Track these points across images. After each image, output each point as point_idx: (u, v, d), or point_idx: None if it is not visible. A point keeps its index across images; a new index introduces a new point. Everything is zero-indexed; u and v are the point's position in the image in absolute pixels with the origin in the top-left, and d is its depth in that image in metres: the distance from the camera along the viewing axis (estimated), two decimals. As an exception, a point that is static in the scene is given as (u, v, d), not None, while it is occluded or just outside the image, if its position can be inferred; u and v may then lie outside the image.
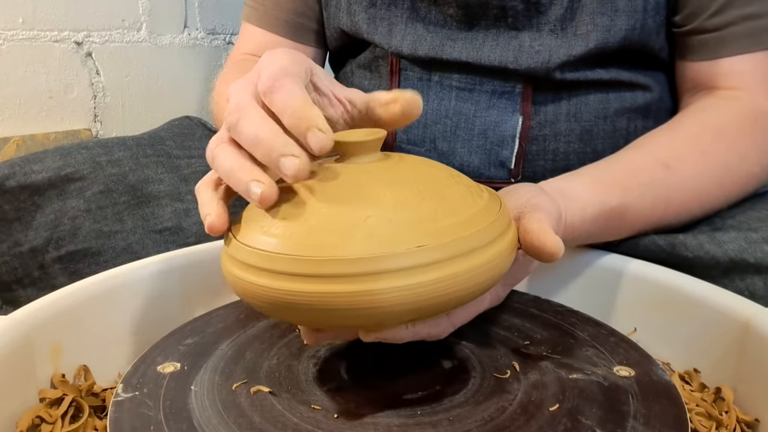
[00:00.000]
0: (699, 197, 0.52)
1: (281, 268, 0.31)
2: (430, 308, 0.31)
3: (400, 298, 0.30)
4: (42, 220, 0.58)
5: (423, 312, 0.31)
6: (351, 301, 0.30)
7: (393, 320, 0.32)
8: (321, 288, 0.30)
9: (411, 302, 0.30)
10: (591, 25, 0.57)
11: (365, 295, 0.30)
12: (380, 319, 0.31)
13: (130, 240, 0.58)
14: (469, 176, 0.38)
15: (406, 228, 0.31)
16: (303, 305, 0.31)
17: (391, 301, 0.30)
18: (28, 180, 0.58)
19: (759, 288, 0.46)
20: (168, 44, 1.27)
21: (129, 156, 0.61)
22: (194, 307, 0.47)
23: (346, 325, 0.34)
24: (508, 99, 0.60)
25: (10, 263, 0.58)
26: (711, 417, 0.38)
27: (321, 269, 0.30)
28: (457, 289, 0.31)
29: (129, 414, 0.34)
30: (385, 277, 0.30)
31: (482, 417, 0.33)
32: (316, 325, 0.35)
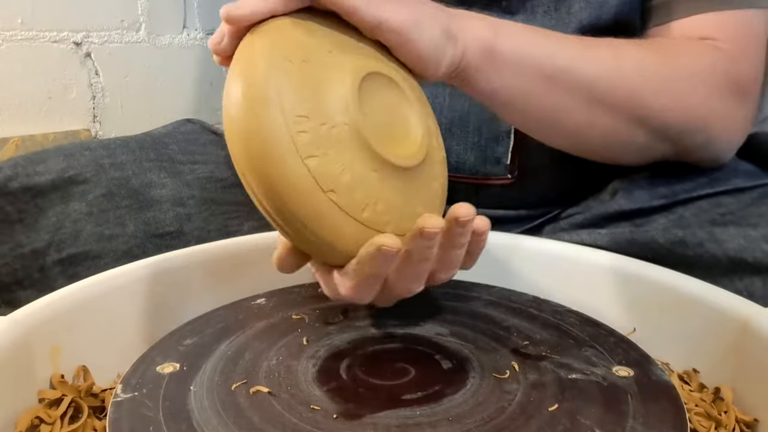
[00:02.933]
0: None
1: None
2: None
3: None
4: (44, 223, 0.58)
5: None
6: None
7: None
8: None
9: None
10: (584, 2, 0.57)
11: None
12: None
13: (131, 244, 0.58)
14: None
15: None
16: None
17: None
18: (31, 182, 0.58)
19: (758, 288, 0.46)
20: (167, 44, 1.27)
21: (132, 160, 0.61)
22: (193, 307, 0.47)
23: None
24: None
25: (11, 265, 0.58)
26: (710, 417, 0.38)
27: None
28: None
29: (128, 414, 0.34)
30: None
31: (481, 417, 0.33)
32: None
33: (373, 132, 0.35)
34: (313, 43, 0.36)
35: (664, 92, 0.52)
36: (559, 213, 0.63)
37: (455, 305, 0.47)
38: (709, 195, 0.55)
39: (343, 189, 0.34)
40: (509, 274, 0.53)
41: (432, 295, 0.48)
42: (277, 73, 0.33)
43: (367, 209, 0.34)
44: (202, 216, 0.61)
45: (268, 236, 0.55)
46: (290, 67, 0.34)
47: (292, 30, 0.36)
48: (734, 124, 0.56)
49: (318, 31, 0.37)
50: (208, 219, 0.61)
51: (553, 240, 0.54)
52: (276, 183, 0.33)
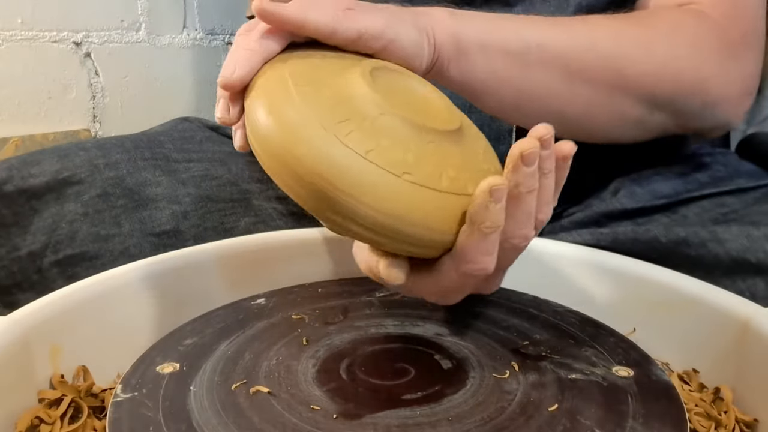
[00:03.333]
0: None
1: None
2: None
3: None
4: (40, 225, 0.58)
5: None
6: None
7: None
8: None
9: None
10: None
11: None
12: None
13: (128, 243, 0.58)
14: None
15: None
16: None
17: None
18: (26, 184, 0.58)
19: (760, 289, 0.46)
20: (167, 45, 1.27)
21: (127, 159, 0.61)
22: (193, 307, 0.47)
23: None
24: None
25: (9, 268, 0.58)
26: (710, 417, 0.38)
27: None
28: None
29: (128, 414, 0.34)
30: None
31: (481, 417, 0.33)
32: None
33: (407, 111, 0.35)
34: (311, 68, 0.36)
35: (645, 58, 0.51)
36: (560, 212, 0.63)
37: (455, 305, 0.46)
38: (712, 195, 0.55)
39: (414, 168, 0.33)
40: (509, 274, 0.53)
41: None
42: (298, 99, 0.33)
43: (443, 178, 0.33)
44: (198, 214, 0.61)
45: (267, 236, 0.56)
46: (305, 89, 0.34)
47: (287, 63, 0.36)
48: (733, 85, 0.54)
49: (309, 58, 0.37)
50: (204, 217, 0.61)
51: (553, 240, 0.54)
52: (356, 193, 0.31)
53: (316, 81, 0.35)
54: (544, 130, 0.33)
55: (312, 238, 0.56)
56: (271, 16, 0.36)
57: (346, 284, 0.51)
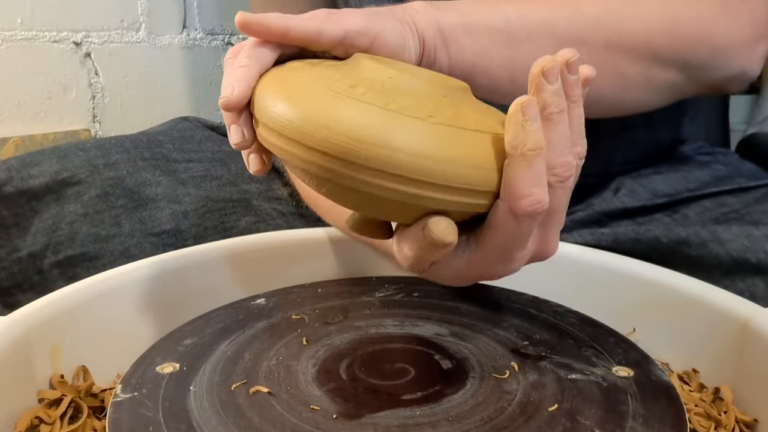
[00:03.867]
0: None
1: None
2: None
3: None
4: (40, 226, 0.58)
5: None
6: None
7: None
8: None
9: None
10: None
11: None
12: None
13: (128, 244, 0.58)
14: None
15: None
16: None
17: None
18: (25, 185, 0.58)
19: (760, 289, 0.46)
20: (167, 45, 1.27)
21: (126, 159, 0.61)
22: (193, 307, 0.47)
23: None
24: None
25: (9, 269, 0.58)
26: (710, 417, 0.38)
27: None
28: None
29: (128, 414, 0.34)
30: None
31: (481, 417, 0.33)
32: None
33: (415, 76, 0.35)
34: (308, 69, 0.36)
35: (636, 12, 0.49)
36: None
37: (455, 305, 0.47)
38: (713, 194, 0.55)
39: (436, 112, 0.32)
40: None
41: (432, 295, 0.48)
42: (307, 80, 0.33)
43: (468, 120, 0.32)
44: (198, 213, 0.61)
45: (267, 236, 0.56)
46: (309, 75, 0.34)
47: (284, 68, 0.36)
48: (743, 27, 0.52)
49: (304, 63, 0.37)
50: (204, 216, 0.61)
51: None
52: (389, 143, 0.30)
53: (316, 72, 0.35)
54: (569, 53, 0.32)
55: (312, 238, 0.56)
56: (255, 27, 0.36)
57: (346, 284, 0.51)
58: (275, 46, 0.37)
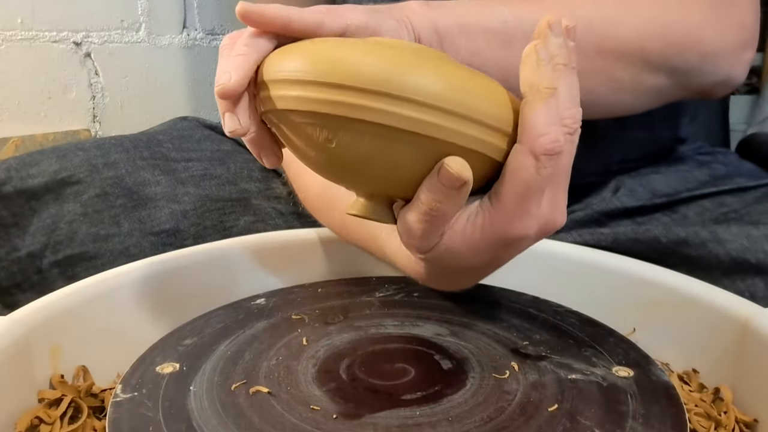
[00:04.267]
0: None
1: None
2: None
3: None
4: (39, 225, 0.58)
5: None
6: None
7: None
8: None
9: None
10: None
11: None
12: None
13: (127, 243, 0.58)
14: None
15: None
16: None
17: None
18: (24, 185, 0.58)
19: (759, 289, 0.46)
20: (167, 45, 1.27)
21: (125, 159, 0.61)
22: (193, 307, 0.47)
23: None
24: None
25: (9, 268, 0.58)
26: (710, 417, 0.38)
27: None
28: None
29: (128, 414, 0.34)
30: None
31: (481, 417, 0.33)
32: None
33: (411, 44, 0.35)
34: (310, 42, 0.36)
35: (628, 17, 0.49)
36: None
37: (455, 305, 0.47)
38: (712, 194, 0.55)
39: (447, 59, 0.33)
40: (509, 274, 0.53)
41: (432, 295, 0.48)
42: (318, 43, 0.33)
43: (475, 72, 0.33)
44: (198, 213, 0.61)
45: (267, 236, 0.56)
46: (309, 47, 0.34)
47: (280, 53, 0.35)
48: (730, 34, 0.52)
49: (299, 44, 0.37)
50: (203, 216, 0.61)
51: (553, 240, 0.54)
52: (408, 72, 0.30)
53: (321, 42, 0.35)
54: (568, 20, 0.33)
55: (312, 238, 0.56)
56: (256, 17, 0.36)
57: (346, 284, 0.51)
58: (273, 36, 0.37)
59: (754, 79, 1.87)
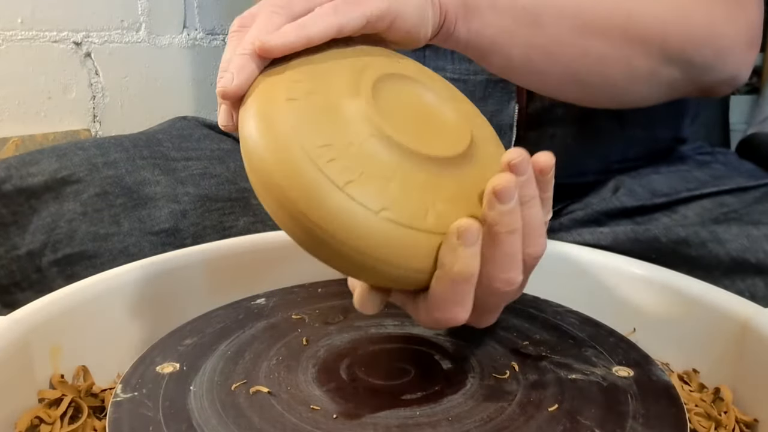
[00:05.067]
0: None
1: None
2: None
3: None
4: (39, 224, 0.58)
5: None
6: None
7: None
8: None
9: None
10: None
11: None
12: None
13: (127, 242, 0.58)
14: None
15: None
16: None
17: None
18: (24, 183, 0.57)
19: (760, 289, 0.46)
20: (167, 45, 1.27)
21: (125, 158, 0.61)
22: (193, 307, 0.47)
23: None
24: (503, 88, 0.60)
25: (8, 267, 0.58)
26: (710, 417, 0.38)
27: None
28: None
29: (128, 414, 0.34)
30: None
31: (481, 417, 0.33)
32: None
33: (404, 132, 0.33)
34: (310, 75, 0.35)
35: (659, 2, 0.49)
36: (560, 209, 0.63)
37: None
38: (712, 194, 0.55)
39: (396, 203, 0.31)
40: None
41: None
42: (285, 116, 0.32)
43: (429, 214, 0.31)
44: (197, 213, 0.61)
45: (267, 236, 0.56)
46: (296, 104, 0.33)
47: (284, 74, 0.34)
48: (741, 32, 0.53)
49: (309, 63, 0.35)
50: (203, 215, 0.61)
51: (553, 240, 0.54)
52: (328, 227, 0.30)
53: (311, 91, 0.34)
54: (514, 153, 0.31)
55: (312, 238, 0.56)
56: (277, 49, 0.34)
57: (346, 284, 0.51)
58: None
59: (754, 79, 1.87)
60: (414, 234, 0.31)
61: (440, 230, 0.31)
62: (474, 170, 0.35)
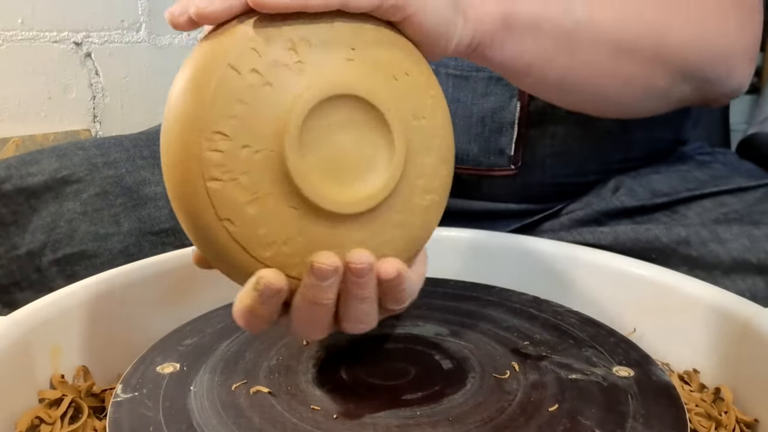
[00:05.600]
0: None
1: None
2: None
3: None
4: (38, 223, 0.58)
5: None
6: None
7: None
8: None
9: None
10: None
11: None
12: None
13: (127, 242, 0.58)
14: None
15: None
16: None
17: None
18: (24, 183, 0.57)
19: (760, 289, 0.46)
20: (167, 45, 1.27)
21: (125, 158, 0.61)
22: (193, 307, 0.47)
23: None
24: (505, 84, 0.60)
25: (8, 266, 0.58)
26: (710, 417, 0.38)
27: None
28: None
29: (128, 414, 0.34)
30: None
31: (481, 417, 0.33)
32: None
33: (309, 165, 0.30)
34: (276, 50, 0.31)
35: (683, 24, 0.49)
36: (560, 209, 0.63)
37: (455, 305, 0.47)
38: (712, 194, 0.55)
39: (243, 221, 0.30)
40: (509, 274, 0.53)
41: (432, 295, 0.48)
42: (212, 82, 0.30)
43: (272, 248, 0.31)
44: None
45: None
46: (232, 76, 0.30)
47: (255, 34, 0.31)
48: (749, 46, 0.53)
49: (292, 34, 0.31)
50: None
51: (553, 240, 0.54)
52: (179, 198, 0.32)
53: (259, 69, 0.30)
54: (359, 256, 0.30)
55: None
56: (268, 5, 0.31)
57: (347, 284, 0.51)
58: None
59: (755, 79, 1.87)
60: (244, 255, 0.31)
61: (273, 266, 0.31)
62: (363, 231, 0.32)
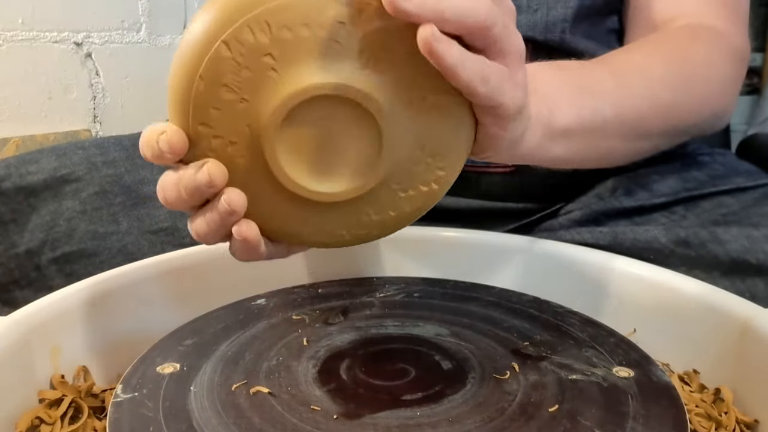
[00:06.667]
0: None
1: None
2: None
3: None
4: (37, 222, 0.58)
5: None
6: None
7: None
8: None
9: None
10: None
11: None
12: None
13: (126, 241, 0.58)
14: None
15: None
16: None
17: None
18: (23, 181, 0.58)
19: (760, 289, 0.46)
20: (168, 45, 1.27)
21: (125, 157, 0.61)
22: (193, 308, 0.47)
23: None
24: None
25: (7, 265, 0.58)
26: (710, 418, 0.38)
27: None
28: None
29: (128, 415, 0.34)
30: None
31: (481, 418, 0.33)
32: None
33: (299, 162, 0.33)
34: (316, 17, 0.30)
35: (688, 98, 0.52)
36: (558, 209, 0.63)
37: (455, 306, 0.47)
38: (711, 194, 0.55)
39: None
40: (509, 274, 0.53)
41: (432, 295, 0.48)
42: (236, 31, 0.31)
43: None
44: None
45: (268, 236, 0.55)
46: (258, 30, 0.30)
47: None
48: (737, 93, 0.57)
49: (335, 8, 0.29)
50: None
51: (553, 240, 0.54)
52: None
53: (294, 28, 0.30)
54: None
55: (312, 239, 0.56)
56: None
57: (346, 284, 0.51)
58: None
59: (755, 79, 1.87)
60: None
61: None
62: (353, 211, 0.36)
